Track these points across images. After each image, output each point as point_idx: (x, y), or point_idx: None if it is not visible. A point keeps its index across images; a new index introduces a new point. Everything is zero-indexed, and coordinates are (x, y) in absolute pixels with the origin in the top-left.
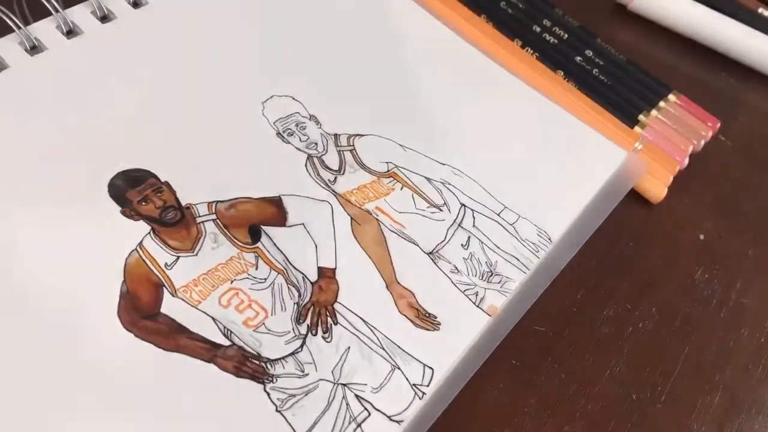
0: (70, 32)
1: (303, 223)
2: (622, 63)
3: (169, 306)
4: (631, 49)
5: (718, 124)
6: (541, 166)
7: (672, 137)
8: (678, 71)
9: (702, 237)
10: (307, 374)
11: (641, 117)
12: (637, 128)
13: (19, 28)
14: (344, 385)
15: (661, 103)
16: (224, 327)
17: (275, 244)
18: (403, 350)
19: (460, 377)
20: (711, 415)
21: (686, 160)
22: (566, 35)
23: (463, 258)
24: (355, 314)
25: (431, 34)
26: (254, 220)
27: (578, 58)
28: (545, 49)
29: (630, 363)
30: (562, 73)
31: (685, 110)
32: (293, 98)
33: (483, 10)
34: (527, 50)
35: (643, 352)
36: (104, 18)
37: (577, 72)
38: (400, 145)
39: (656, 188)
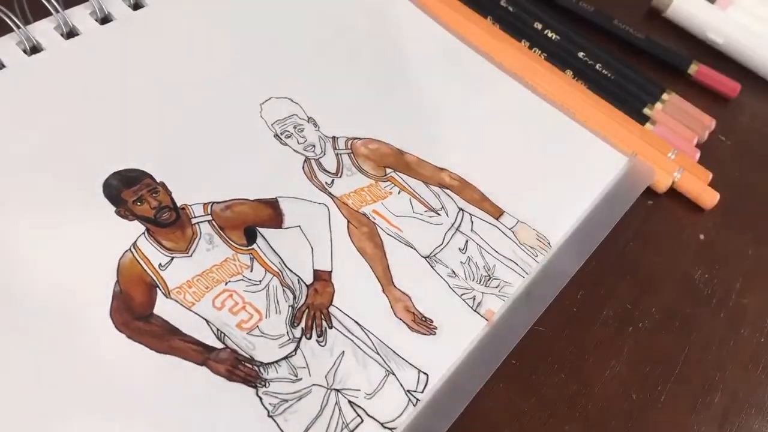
0: (70, 33)
1: (299, 226)
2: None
3: (163, 307)
4: None
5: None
6: (542, 172)
7: (679, 130)
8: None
9: (702, 237)
10: (301, 379)
11: (646, 110)
12: (648, 125)
13: (18, 27)
14: (337, 390)
15: (664, 96)
16: (218, 329)
17: (271, 246)
18: (398, 355)
19: (465, 388)
20: (711, 415)
21: (697, 155)
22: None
23: (461, 262)
24: (351, 318)
25: (430, 36)
26: (250, 222)
27: (581, 54)
28: (551, 49)
29: (630, 363)
30: (571, 73)
31: (685, 103)
32: (291, 100)
33: (488, 12)
34: (535, 51)
35: (643, 352)
36: (104, 19)
37: (584, 70)
38: (398, 148)
39: (708, 194)
